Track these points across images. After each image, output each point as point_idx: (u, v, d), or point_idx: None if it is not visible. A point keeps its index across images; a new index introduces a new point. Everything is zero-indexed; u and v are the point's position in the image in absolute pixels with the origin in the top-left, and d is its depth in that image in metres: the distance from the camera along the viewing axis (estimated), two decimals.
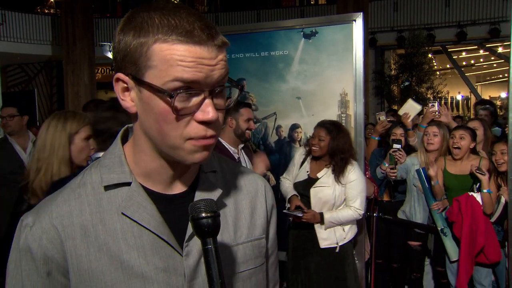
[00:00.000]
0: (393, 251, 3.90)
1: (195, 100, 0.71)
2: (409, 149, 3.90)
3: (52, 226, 0.77)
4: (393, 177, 3.66)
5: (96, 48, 13.42)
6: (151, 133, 0.76)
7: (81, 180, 0.82)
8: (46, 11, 16.96)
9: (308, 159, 3.20)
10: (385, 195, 4.04)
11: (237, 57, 3.64)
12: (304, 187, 3.12)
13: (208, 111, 0.71)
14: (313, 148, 3.08)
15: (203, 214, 0.70)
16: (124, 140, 0.86)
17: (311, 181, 3.10)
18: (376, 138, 4.35)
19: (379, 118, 4.45)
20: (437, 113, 4.09)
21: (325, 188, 3.02)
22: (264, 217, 0.93)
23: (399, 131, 3.92)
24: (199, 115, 0.72)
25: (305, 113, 3.51)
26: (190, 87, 0.70)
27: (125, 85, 0.75)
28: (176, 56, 0.69)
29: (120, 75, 0.74)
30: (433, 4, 13.87)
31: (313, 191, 3.06)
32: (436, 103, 4.17)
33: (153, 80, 0.70)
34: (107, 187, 0.80)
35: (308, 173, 3.15)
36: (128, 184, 0.80)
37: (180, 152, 0.75)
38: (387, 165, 3.69)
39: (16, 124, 3.63)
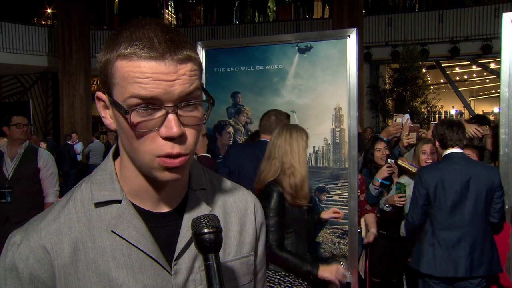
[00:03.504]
0: (392, 268, 3.81)
1: (158, 115, 0.70)
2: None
3: (40, 246, 0.76)
4: (402, 204, 3.46)
5: (92, 60, 13.45)
6: (126, 150, 0.77)
7: (71, 196, 0.82)
8: (43, 22, 17.02)
9: None
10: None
11: (232, 70, 3.66)
12: None
13: (170, 126, 0.69)
14: None
15: (205, 230, 0.70)
16: (115, 157, 0.86)
17: None
18: (385, 139, 4.11)
19: (395, 120, 4.27)
20: (409, 127, 4.01)
21: None
22: (253, 234, 0.92)
23: (382, 145, 3.93)
24: (163, 131, 0.70)
25: None
26: (151, 103, 0.69)
27: (104, 103, 0.76)
28: (132, 73, 0.68)
29: (99, 93, 0.76)
30: (427, 20, 14.09)
31: None
32: (401, 118, 4.07)
33: (117, 97, 0.71)
34: (98, 204, 0.79)
35: None
36: (119, 201, 0.79)
37: (150, 169, 0.74)
38: (379, 180, 3.68)
39: (28, 134, 3.64)
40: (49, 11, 17.37)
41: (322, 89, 3.41)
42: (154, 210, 0.82)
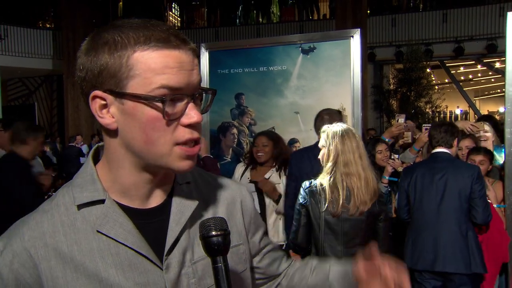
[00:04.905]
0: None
1: (179, 105, 0.73)
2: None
3: (24, 249, 0.75)
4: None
5: None
6: (136, 146, 0.75)
7: (53, 201, 0.81)
8: (48, 25, 17.11)
9: (248, 169, 3.34)
10: (394, 212, 3.93)
11: (236, 72, 3.67)
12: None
13: (194, 114, 0.74)
14: (259, 155, 3.21)
15: (213, 233, 0.70)
16: (96, 160, 0.85)
17: (256, 184, 3.24)
18: (387, 140, 4.06)
19: (397, 120, 4.25)
20: (404, 127, 4.03)
21: (276, 186, 3.19)
22: (241, 223, 0.93)
23: (383, 147, 3.90)
24: (185, 119, 0.73)
25: (303, 128, 3.52)
26: (175, 93, 0.72)
27: (103, 102, 0.74)
28: (159, 64, 0.70)
29: (97, 92, 0.73)
30: (431, 20, 14.03)
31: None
32: (403, 118, 4.05)
33: (137, 89, 0.71)
34: (80, 206, 0.78)
35: (249, 179, 3.27)
36: (102, 201, 0.79)
37: (168, 159, 0.75)
38: (387, 178, 3.68)
39: (1, 139, 3.75)
40: (53, 14, 17.46)
41: (325, 90, 3.41)
42: (141, 207, 0.81)
